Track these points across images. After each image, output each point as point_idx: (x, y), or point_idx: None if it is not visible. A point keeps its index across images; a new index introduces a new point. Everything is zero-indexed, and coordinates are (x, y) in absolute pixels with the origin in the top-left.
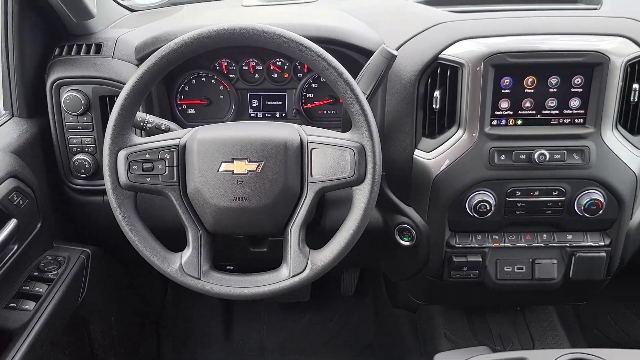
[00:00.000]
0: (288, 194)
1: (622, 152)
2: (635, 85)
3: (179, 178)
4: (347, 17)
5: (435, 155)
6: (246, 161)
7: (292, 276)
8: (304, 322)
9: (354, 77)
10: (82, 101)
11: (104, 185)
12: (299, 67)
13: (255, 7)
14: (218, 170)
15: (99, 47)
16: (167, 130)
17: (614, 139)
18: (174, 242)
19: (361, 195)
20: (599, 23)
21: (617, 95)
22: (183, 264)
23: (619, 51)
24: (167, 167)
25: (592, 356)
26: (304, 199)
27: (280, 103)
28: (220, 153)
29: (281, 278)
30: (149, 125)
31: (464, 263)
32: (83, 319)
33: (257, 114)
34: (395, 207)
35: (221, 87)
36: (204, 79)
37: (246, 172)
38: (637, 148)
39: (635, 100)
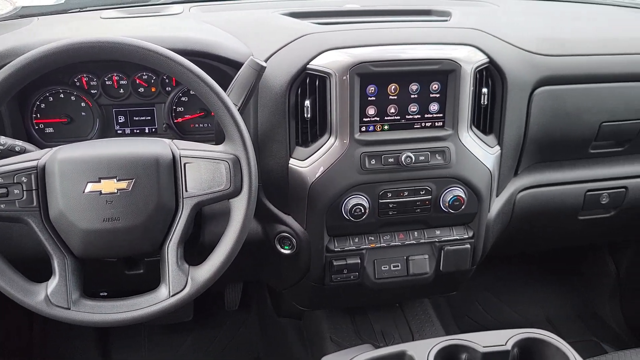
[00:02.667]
0: (162, 211)
1: (477, 150)
2: (485, 90)
3: (40, 202)
4: (214, 30)
5: (310, 163)
6: (115, 180)
7: (172, 295)
8: (188, 342)
9: (224, 89)
10: None
11: None
12: (167, 80)
13: (115, 20)
14: (84, 192)
15: None
16: (23, 151)
17: (470, 139)
18: (38, 271)
19: (239, 207)
20: (450, 33)
21: (469, 99)
22: (49, 295)
23: (469, 59)
24: (24, 192)
25: (462, 341)
26: (180, 215)
27: (149, 118)
28: (86, 173)
29: (160, 298)
30: (0, 147)
31: (344, 266)
32: None
33: (124, 130)
34: (274, 217)
35: (82, 104)
36: (62, 95)
37: (115, 191)
38: (490, 146)
39: (485, 103)
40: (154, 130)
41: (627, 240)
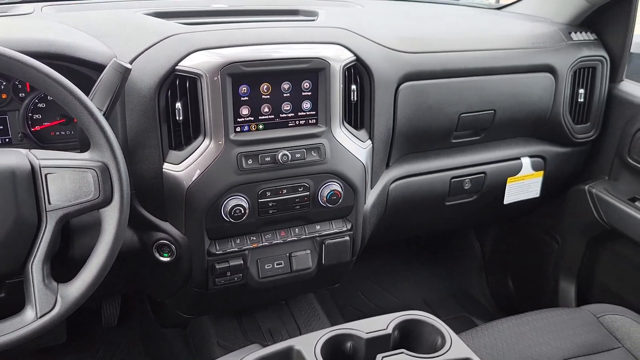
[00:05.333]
0: (23, 227)
1: (350, 145)
2: (353, 87)
3: None
4: (71, 31)
5: (186, 167)
6: None
7: (40, 316)
8: None
9: (87, 93)
10: None
11: None
12: (20, 85)
13: None
14: None
15: None
16: None
17: (343, 135)
18: None
19: (110, 217)
20: (318, 33)
21: (340, 96)
22: None
23: (337, 57)
24: None
25: (346, 329)
26: (44, 230)
27: (1, 127)
28: None
29: (26, 321)
30: None
31: (227, 268)
32: None
33: None
34: (150, 224)
35: None
36: None
37: None
38: (362, 141)
39: (355, 99)
40: (7, 140)
41: (489, 221)
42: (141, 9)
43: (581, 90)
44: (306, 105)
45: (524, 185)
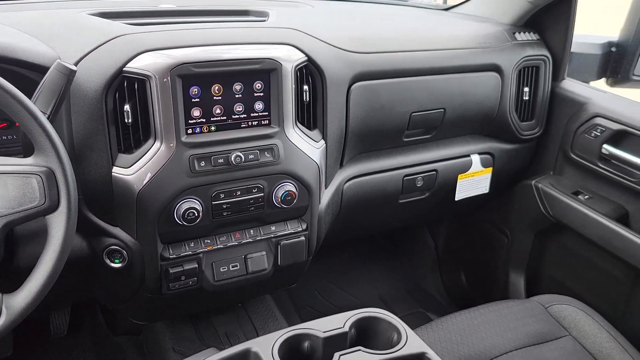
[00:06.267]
0: None
1: (304, 145)
2: (305, 87)
3: None
4: (10, 31)
5: (136, 170)
6: None
7: None
8: None
9: (30, 96)
10: None
11: None
12: None
13: None
14: None
15: None
16: None
17: (296, 135)
18: None
19: (57, 224)
20: (269, 33)
21: (292, 97)
22: None
23: (288, 58)
24: None
25: (303, 329)
26: None
27: None
28: None
29: None
30: None
31: (181, 273)
32: None
33: None
34: (100, 230)
35: None
36: None
37: None
38: (315, 141)
39: (308, 99)
40: None
41: (441, 218)
42: (85, 9)
43: (526, 89)
44: (258, 106)
45: (474, 181)
